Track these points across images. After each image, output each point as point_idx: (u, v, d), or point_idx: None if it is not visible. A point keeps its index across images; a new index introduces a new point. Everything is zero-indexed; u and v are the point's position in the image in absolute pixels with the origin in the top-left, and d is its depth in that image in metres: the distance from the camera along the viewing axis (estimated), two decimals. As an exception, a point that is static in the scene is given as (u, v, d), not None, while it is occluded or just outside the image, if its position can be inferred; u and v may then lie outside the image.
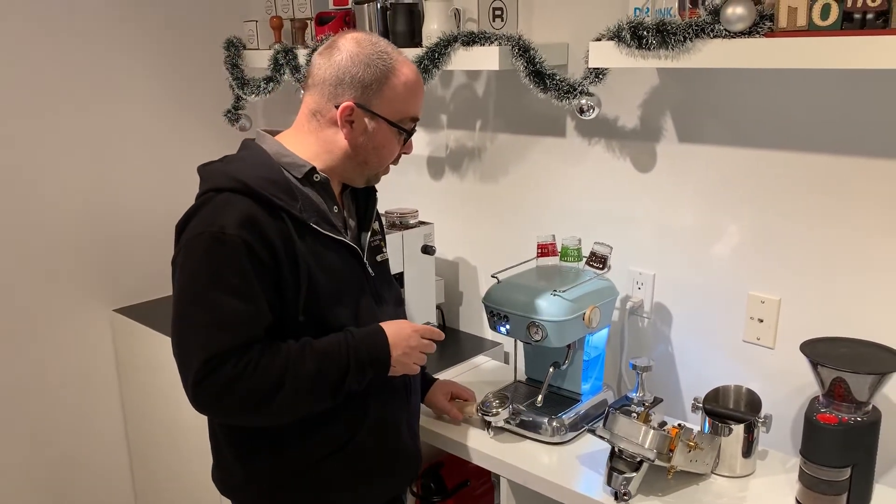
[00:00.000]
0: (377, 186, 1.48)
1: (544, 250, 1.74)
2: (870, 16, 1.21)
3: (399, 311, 1.52)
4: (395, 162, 1.41)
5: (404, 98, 1.32)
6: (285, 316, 1.27)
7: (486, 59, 1.72)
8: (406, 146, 1.40)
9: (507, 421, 1.61)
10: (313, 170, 1.32)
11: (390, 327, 1.35)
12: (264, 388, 1.22)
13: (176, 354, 1.23)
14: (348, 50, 1.28)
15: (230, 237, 1.19)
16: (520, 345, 1.78)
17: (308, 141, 1.33)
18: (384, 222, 2.02)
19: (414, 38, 1.91)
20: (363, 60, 1.27)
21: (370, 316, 1.38)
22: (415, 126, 1.38)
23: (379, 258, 1.48)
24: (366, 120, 1.30)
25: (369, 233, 1.44)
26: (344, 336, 1.30)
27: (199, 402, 1.22)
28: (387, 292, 1.47)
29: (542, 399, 1.63)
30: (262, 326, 1.23)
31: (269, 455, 1.35)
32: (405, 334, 1.36)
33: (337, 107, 1.28)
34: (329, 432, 1.35)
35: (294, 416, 1.30)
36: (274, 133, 1.37)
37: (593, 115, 1.68)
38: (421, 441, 1.55)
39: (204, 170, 1.32)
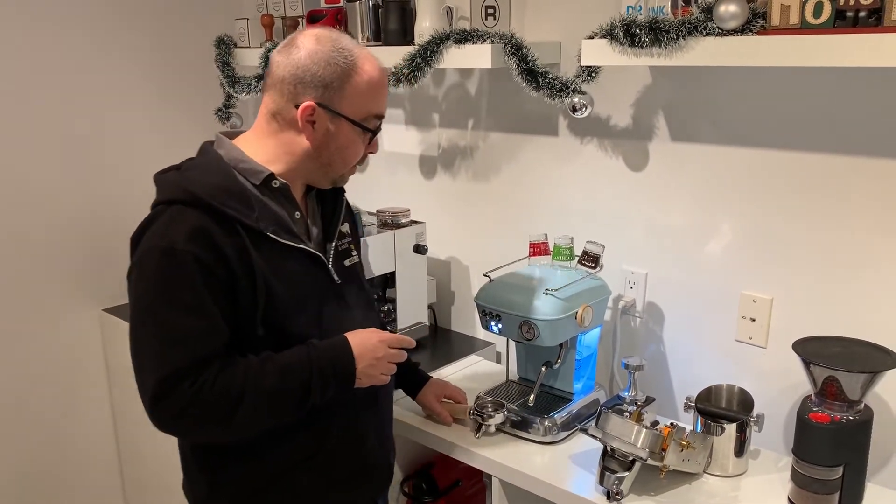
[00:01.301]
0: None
1: (536, 249, 1.73)
2: (862, 14, 1.21)
3: (369, 316, 1.45)
4: (362, 162, 1.36)
5: (368, 96, 1.27)
6: (243, 330, 1.23)
7: (478, 57, 1.71)
8: (371, 145, 1.34)
9: (498, 427, 1.61)
10: (271, 176, 1.27)
11: (355, 338, 1.30)
12: (223, 406, 1.19)
13: (135, 373, 1.20)
14: (307, 47, 1.23)
15: (181, 252, 1.16)
16: (512, 344, 1.77)
17: (268, 144, 1.29)
18: (376, 221, 2.02)
19: (406, 36, 1.90)
20: (323, 58, 1.22)
21: (336, 325, 1.33)
22: (380, 124, 1.32)
23: (347, 262, 1.42)
24: (328, 120, 1.25)
25: (335, 237, 1.39)
26: (306, 349, 1.26)
27: (158, 421, 1.19)
28: (355, 298, 1.42)
29: (534, 398, 1.62)
30: (218, 342, 1.20)
31: (235, 467, 1.32)
32: (371, 345, 1.31)
33: (297, 107, 1.24)
34: (296, 443, 1.32)
35: (257, 430, 1.26)
36: (235, 135, 1.33)
37: (586, 114, 1.67)
38: (396, 447, 1.51)
39: (159, 179, 1.28)
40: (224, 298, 1.20)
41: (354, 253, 1.45)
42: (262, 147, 1.29)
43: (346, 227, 1.44)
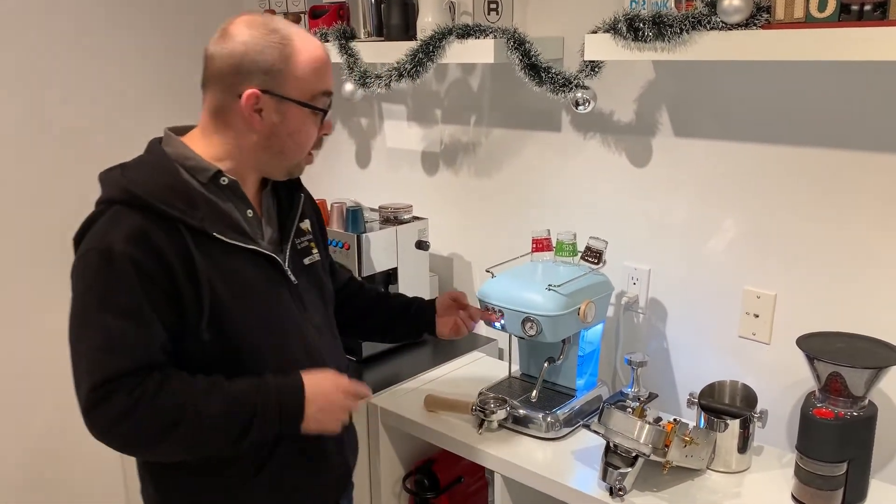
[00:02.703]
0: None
1: (539, 245, 1.73)
2: (867, 7, 1.21)
3: (328, 318, 1.40)
4: (318, 146, 1.31)
5: (311, 74, 1.22)
6: (189, 335, 1.18)
7: (481, 52, 1.71)
8: (324, 126, 1.29)
9: (500, 423, 1.61)
10: (219, 173, 1.23)
11: (311, 379, 1.25)
12: (157, 427, 1.14)
13: (74, 381, 1.16)
14: (241, 35, 1.19)
15: (118, 255, 1.12)
16: (514, 340, 1.77)
17: (215, 140, 1.25)
18: (378, 217, 2.02)
19: (408, 31, 1.89)
20: (259, 43, 1.18)
21: (293, 328, 1.29)
22: (330, 101, 1.27)
23: (307, 261, 1.37)
24: (275, 105, 1.21)
25: (292, 234, 1.34)
26: (256, 384, 1.21)
27: (92, 429, 1.14)
28: (315, 299, 1.37)
29: (537, 394, 1.62)
30: (156, 349, 1.15)
31: (187, 480, 1.28)
32: (325, 390, 1.25)
33: (240, 97, 1.19)
34: (249, 453, 1.26)
35: (190, 456, 1.22)
36: (185, 130, 1.29)
37: (589, 109, 1.67)
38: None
39: (103, 177, 1.23)
40: (165, 303, 1.15)
41: (315, 251, 1.39)
42: (210, 144, 1.25)
43: (306, 224, 1.39)
